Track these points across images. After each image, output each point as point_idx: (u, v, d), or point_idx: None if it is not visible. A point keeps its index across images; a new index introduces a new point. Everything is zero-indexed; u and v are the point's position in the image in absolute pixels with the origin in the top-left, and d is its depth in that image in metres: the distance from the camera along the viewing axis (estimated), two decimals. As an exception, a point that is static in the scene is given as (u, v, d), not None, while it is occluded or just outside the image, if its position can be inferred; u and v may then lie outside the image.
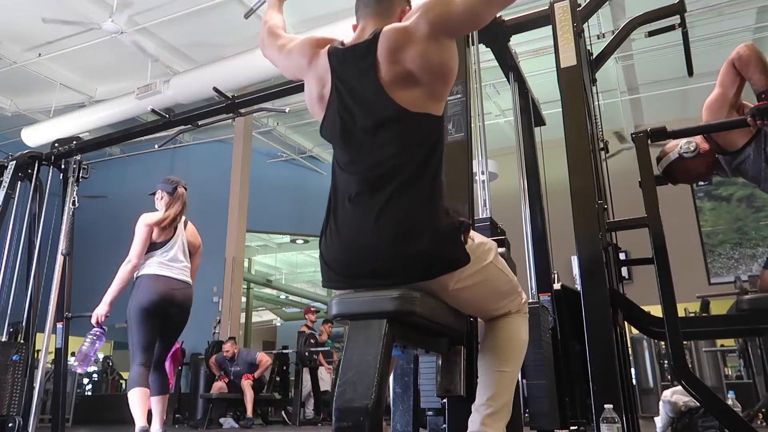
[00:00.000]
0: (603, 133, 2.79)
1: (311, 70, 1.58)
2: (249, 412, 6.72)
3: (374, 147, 1.43)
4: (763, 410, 4.64)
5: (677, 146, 2.53)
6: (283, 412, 7.68)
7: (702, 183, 8.42)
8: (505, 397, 1.49)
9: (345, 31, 1.66)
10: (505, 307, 1.55)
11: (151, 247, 3.52)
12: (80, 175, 4.65)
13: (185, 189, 3.69)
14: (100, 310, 3.49)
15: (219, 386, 7.02)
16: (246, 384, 6.76)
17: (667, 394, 3.84)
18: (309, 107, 1.62)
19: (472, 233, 1.47)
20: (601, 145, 2.68)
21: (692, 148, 2.49)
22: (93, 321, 3.54)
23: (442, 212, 1.40)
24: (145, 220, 3.50)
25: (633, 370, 6.28)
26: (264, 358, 7.28)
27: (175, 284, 3.51)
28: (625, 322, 2.24)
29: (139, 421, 3.27)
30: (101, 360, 11.85)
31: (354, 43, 1.53)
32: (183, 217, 3.68)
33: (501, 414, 1.46)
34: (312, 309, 8.31)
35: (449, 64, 1.45)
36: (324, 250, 1.47)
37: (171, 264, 3.54)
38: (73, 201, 4.55)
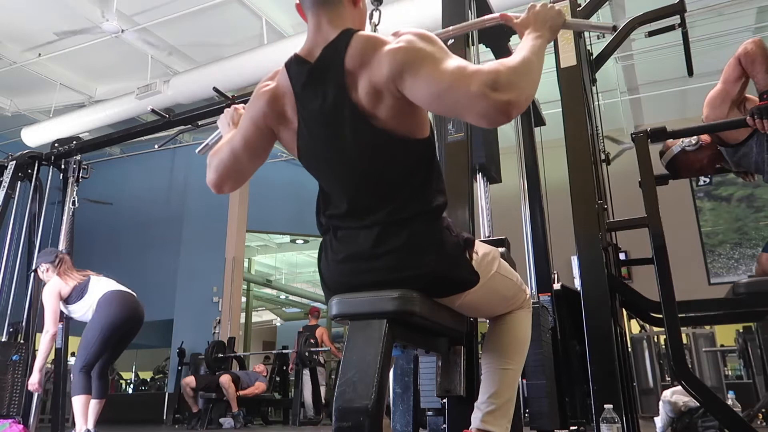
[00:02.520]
0: (603, 135, 2.79)
1: (274, 108, 1.38)
2: (233, 407, 6.71)
3: (361, 182, 1.31)
4: (763, 410, 4.64)
5: (680, 140, 2.54)
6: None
7: (702, 182, 8.43)
8: (508, 394, 1.48)
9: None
10: (510, 306, 1.56)
11: (77, 292, 3.68)
12: (80, 175, 4.66)
13: (65, 253, 3.95)
14: (34, 379, 3.65)
15: (188, 381, 6.96)
16: (225, 380, 6.72)
17: (667, 394, 3.84)
18: (291, 151, 1.42)
19: (476, 245, 1.43)
20: (602, 147, 2.68)
21: (694, 141, 2.51)
22: (32, 389, 3.71)
23: (444, 233, 1.32)
24: (51, 290, 3.67)
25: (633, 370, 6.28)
26: (261, 386, 7.22)
27: (133, 299, 3.73)
28: (625, 323, 2.24)
29: (83, 424, 3.47)
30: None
31: (312, 52, 1.33)
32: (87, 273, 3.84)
33: (503, 411, 1.46)
34: (315, 309, 8.37)
35: (417, 116, 1.29)
36: (323, 268, 1.42)
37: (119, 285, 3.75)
38: (73, 201, 4.57)
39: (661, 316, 2.05)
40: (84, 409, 3.49)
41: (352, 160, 1.30)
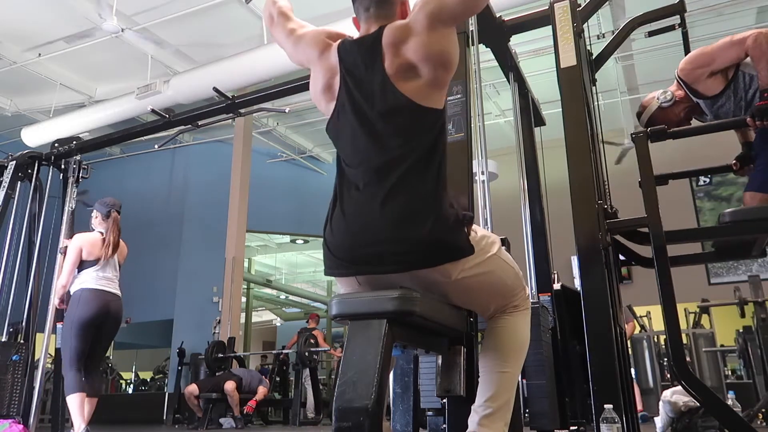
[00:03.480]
0: (602, 135, 2.79)
1: (321, 62, 1.61)
2: (236, 412, 6.74)
3: (381, 137, 1.47)
4: (763, 410, 4.64)
5: (654, 98, 2.59)
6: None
7: (702, 182, 8.44)
8: (505, 397, 1.48)
9: (350, 29, 1.69)
10: (509, 300, 1.55)
11: (88, 263, 3.81)
12: (80, 175, 4.66)
13: (119, 213, 4.04)
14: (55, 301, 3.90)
15: (191, 389, 6.96)
16: (230, 388, 6.73)
17: (667, 394, 3.85)
18: (314, 99, 1.65)
19: (475, 227, 1.49)
20: (601, 147, 2.68)
21: (668, 97, 2.57)
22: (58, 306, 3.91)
23: (446, 203, 1.43)
24: (79, 242, 3.84)
25: (633, 370, 6.28)
26: (264, 391, 7.22)
27: (109, 297, 3.78)
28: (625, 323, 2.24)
29: (80, 423, 3.51)
30: (101, 360, 11.85)
31: (361, 37, 1.59)
32: (111, 250, 3.96)
33: (500, 414, 1.46)
34: (315, 315, 8.40)
35: (449, 51, 1.50)
36: (328, 235, 1.49)
37: (106, 279, 3.82)
38: (81, 196, 4.63)
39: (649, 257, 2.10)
40: (80, 408, 3.53)
41: (374, 119, 1.48)
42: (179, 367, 8.32)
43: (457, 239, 1.42)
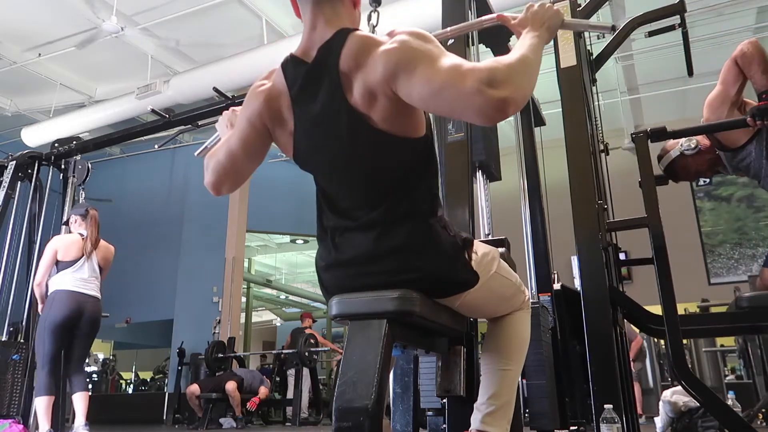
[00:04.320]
0: (603, 134, 2.79)
1: (270, 108, 1.37)
2: (238, 412, 6.74)
3: (359, 182, 1.30)
4: (763, 410, 4.65)
5: (678, 144, 2.53)
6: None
7: (702, 182, 8.43)
8: (507, 394, 1.48)
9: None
10: (510, 308, 1.56)
11: (64, 264, 3.84)
12: (86, 177, 4.72)
13: (96, 211, 4.08)
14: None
15: (192, 389, 6.97)
16: (231, 388, 6.73)
17: (667, 394, 3.85)
18: (287, 152, 1.42)
19: (475, 243, 1.42)
20: (602, 147, 2.68)
21: (693, 146, 2.50)
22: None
23: (443, 234, 1.32)
24: (53, 243, 3.90)
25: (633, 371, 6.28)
26: (265, 392, 7.23)
27: (84, 298, 3.80)
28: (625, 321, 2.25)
29: (45, 425, 3.56)
30: (101, 360, 11.87)
31: (308, 52, 1.32)
32: (89, 247, 3.96)
33: (502, 412, 1.46)
34: (308, 314, 8.39)
35: (413, 116, 1.28)
36: (324, 276, 1.41)
37: (82, 280, 3.83)
38: (82, 196, 4.68)
39: (662, 328, 2.04)
40: (47, 410, 3.59)
41: (349, 160, 1.30)
42: (179, 367, 8.32)
43: (460, 273, 1.34)
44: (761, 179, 2.40)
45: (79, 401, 3.67)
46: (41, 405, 3.60)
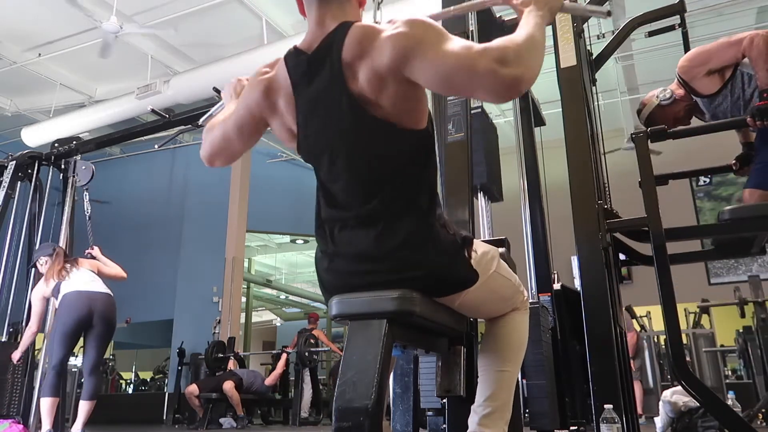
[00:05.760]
0: (602, 135, 2.79)
1: (269, 99, 1.39)
2: (239, 412, 6.74)
3: (359, 172, 1.30)
4: (763, 410, 4.65)
5: (654, 96, 2.59)
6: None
7: (702, 182, 8.43)
8: (504, 396, 1.47)
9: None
10: (508, 308, 1.55)
11: (55, 293, 3.84)
12: (90, 179, 4.75)
13: (61, 248, 4.16)
14: (16, 355, 4.02)
15: (191, 389, 6.96)
16: (228, 388, 6.73)
17: (667, 394, 3.84)
18: (285, 141, 1.43)
19: (475, 242, 1.42)
20: (601, 147, 2.68)
21: (668, 95, 2.57)
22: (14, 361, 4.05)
23: (442, 232, 1.32)
24: (36, 294, 3.94)
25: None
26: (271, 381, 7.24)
27: (96, 296, 3.81)
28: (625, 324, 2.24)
29: (47, 425, 3.59)
30: (101, 360, 11.84)
31: (311, 45, 1.33)
32: (69, 265, 3.97)
33: (499, 413, 1.45)
34: (315, 315, 8.40)
35: (416, 105, 1.29)
36: (323, 275, 1.40)
37: (83, 281, 3.85)
38: (86, 197, 4.74)
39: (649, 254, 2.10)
40: (50, 411, 3.60)
41: (349, 148, 1.30)
42: (179, 367, 8.32)
43: (460, 271, 1.34)
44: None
45: (82, 408, 3.66)
46: (45, 405, 3.59)
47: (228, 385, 6.70)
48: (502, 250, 1.67)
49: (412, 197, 1.30)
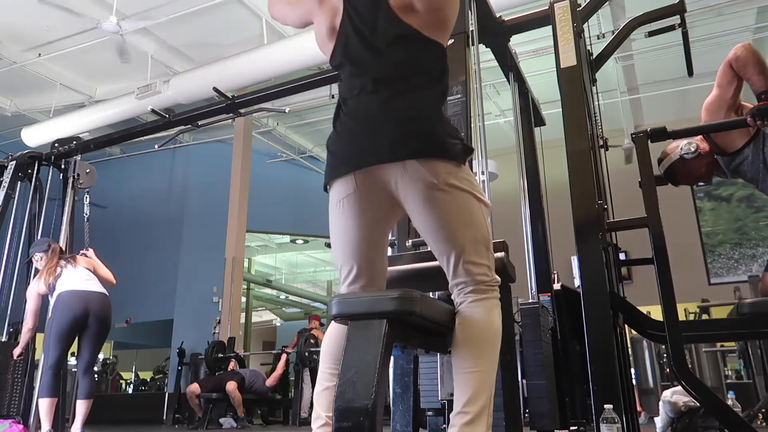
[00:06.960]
0: (603, 133, 2.78)
1: (322, 7, 1.67)
2: (240, 412, 6.74)
3: (386, 60, 1.55)
4: (763, 410, 4.65)
5: (678, 147, 2.53)
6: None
7: (702, 183, 8.43)
8: (482, 399, 1.38)
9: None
10: (481, 261, 1.49)
11: (51, 291, 3.85)
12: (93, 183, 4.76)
13: (57, 243, 4.16)
14: (16, 351, 4.04)
15: (192, 389, 6.96)
16: (231, 388, 6.72)
17: (667, 394, 3.84)
18: (320, 45, 1.71)
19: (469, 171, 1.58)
20: (601, 143, 2.68)
21: (693, 149, 2.50)
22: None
23: (447, 119, 1.57)
24: (31, 292, 3.94)
25: (633, 370, 6.28)
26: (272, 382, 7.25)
27: (90, 295, 3.80)
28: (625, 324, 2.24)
29: (47, 425, 3.59)
30: (101, 360, 11.86)
31: None
32: (64, 262, 3.98)
33: (479, 419, 1.36)
34: (317, 317, 8.39)
35: (445, 13, 1.57)
36: (331, 141, 1.58)
37: (79, 279, 3.85)
38: (86, 199, 4.75)
39: (663, 334, 2.04)
40: (49, 412, 3.60)
41: (380, 45, 1.56)
42: (179, 367, 8.31)
43: (453, 144, 1.50)
44: (758, 183, 2.41)
45: (80, 407, 3.66)
46: (44, 406, 3.59)
47: (231, 386, 6.70)
48: (501, 254, 1.67)
49: (429, 85, 1.54)
